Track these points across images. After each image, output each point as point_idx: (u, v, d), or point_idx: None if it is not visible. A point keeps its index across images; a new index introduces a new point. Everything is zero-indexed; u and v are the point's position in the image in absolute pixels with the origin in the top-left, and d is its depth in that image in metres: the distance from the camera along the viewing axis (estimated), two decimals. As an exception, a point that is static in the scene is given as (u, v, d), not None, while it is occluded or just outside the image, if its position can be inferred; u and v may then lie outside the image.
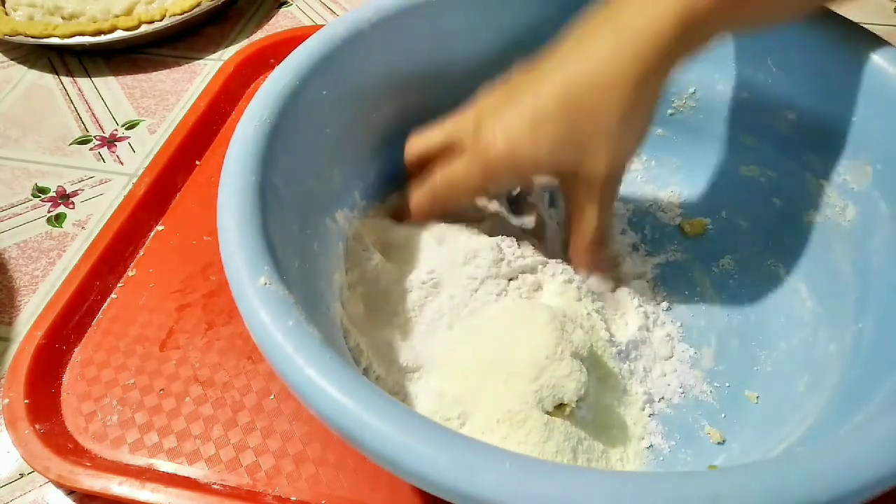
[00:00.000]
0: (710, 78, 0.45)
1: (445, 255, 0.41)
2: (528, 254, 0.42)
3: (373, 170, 0.45)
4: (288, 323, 0.29)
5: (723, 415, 0.40)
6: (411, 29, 0.43)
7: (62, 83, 0.66)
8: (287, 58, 0.40)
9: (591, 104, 0.34)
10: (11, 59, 0.69)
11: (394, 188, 0.46)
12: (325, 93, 0.40)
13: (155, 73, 0.67)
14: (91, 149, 0.60)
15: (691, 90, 0.46)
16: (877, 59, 0.38)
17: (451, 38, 0.45)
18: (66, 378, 0.44)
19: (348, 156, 0.43)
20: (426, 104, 0.45)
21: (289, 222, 0.36)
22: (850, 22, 0.40)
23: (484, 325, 0.39)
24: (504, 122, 0.37)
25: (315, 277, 0.37)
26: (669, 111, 0.48)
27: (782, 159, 0.44)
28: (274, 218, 0.34)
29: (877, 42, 0.38)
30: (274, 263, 0.31)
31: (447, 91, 0.45)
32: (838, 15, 0.40)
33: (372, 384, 0.28)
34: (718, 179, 0.48)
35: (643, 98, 0.35)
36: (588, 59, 0.34)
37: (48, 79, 0.67)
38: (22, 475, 0.41)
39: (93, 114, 0.63)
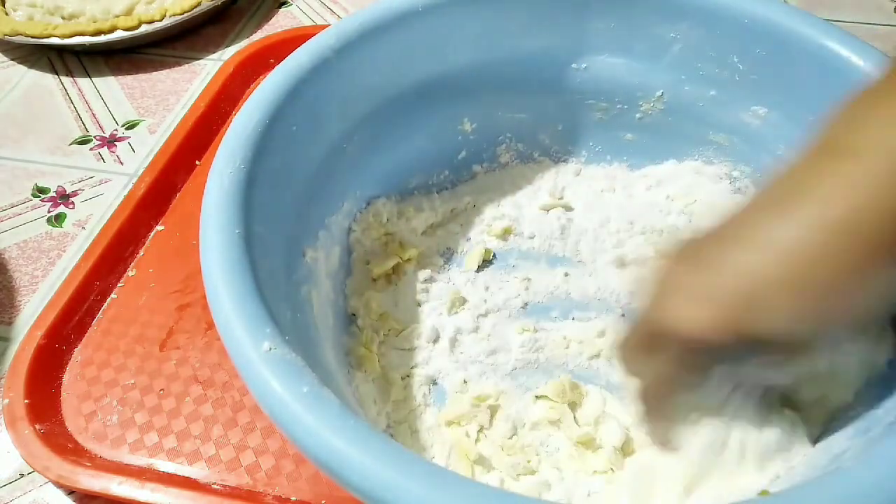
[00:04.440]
0: (677, 79, 0.45)
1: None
2: None
3: (346, 197, 0.44)
4: (302, 389, 0.27)
5: None
6: (375, 52, 0.42)
7: (62, 83, 0.66)
8: (253, 94, 0.38)
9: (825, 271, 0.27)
10: (11, 59, 0.69)
11: (363, 205, 0.46)
12: (295, 128, 0.38)
13: (155, 73, 0.67)
14: (91, 149, 0.60)
15: (659, 93, 0.46)
16: (843, 52, 0.38)
17: (417, 59, 0.44)
18: (66, 378, 0.44)
19: (323, 188, 0.41)
20: (399, 123, 0.45)
21: (276, 271, 0.34)
22: (813, 16, 0.40)
23: None
24: (704, 295, 0.29)
25: (308, 325, 0.36)
26: (638, 115, 0.48)
27: (756, 154, 0.45)
28: (263, 271, 0.31)
29: (842, 35, 0.39)
30: (274, 324, 0.29)
31: (419, 108, 0.45)
32: (802, 10, 0.40)
33: (404, 449, 0.26)
34: (692, 179, 0.49)
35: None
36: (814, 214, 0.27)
37: (48, 79, 0.67)
38: (22, 475, 0.41)
39: (93, 114, 0.63)
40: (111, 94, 0.65)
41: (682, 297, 0.29)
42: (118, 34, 0.65)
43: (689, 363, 0.31)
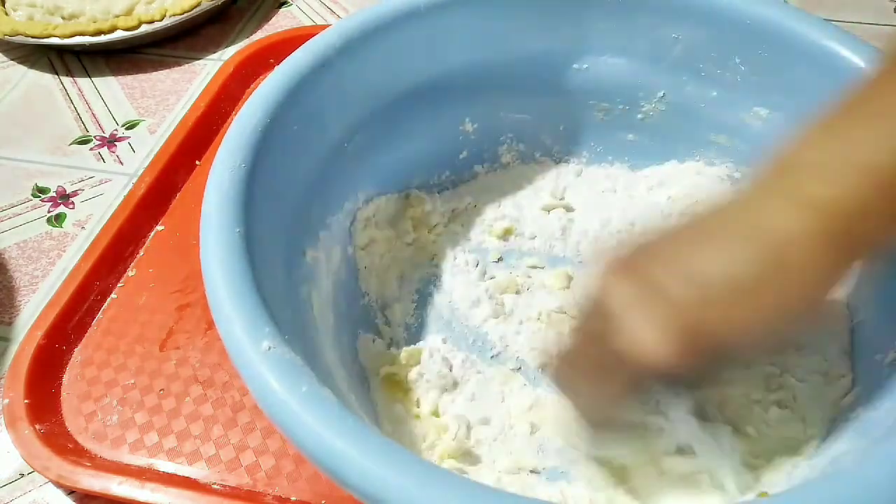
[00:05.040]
0: (679, 80, 0.45)
1: None
2: None
3: (346, 197, 0.43)
4: (301, 389, 0.26)
5: None
6: (376, 52, 0.42)
7: (62, 83, 0.66)
8: (254, 94, 0.37)
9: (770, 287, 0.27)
10: (11, 59, 0.69)
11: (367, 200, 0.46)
12: (296, 128, 0.38)
13: (155, 73, 0.67)
14: (91, 149, 0.60)
15: (660, 94, 0.46)
16: (845, 52, 0.38)
17: (418, 58, 0.44)
18: (66, 378, 0.44)
19: (324, 188, 0.41)
20: (400, 123, 0.45)
21: (276, 270, 0.34)
22: (815, 17, 0.40)
23: None
24: (659, 316, 0.28)
25: (307, 325, 0.36)
26: (639, 116, 0.48)
27: (757, 155, 0.44)
28: (263, 270, 0.31)
29: (844, 36, 0.39)
30: (273, 323, 0.29)
31: (420, 108, 0.45)
32: (803, 11, 0.41)
33: (403, 448, 0.26)
34: (693, 180, 0.49)
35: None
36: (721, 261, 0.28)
37: (48, 79, 0.67)
38: (22, 475, 0.41)
39: (93, 114, 0.63)
40: (111, 94, 0.65)
41: (640, 318, 0.28)
42: (118, 34, 0.65)
43: (639, 384, 0.31)
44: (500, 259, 0.47)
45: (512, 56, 0.45)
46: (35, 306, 0.48)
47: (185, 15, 0.67)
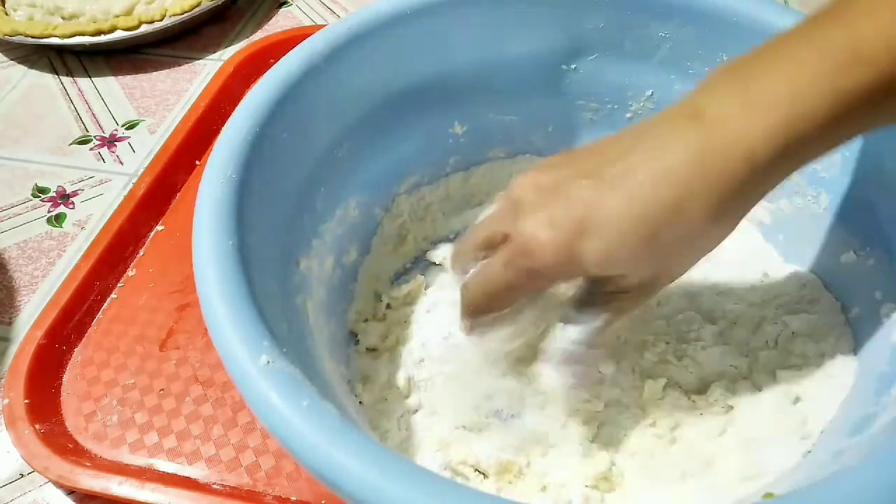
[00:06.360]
0: (667, 79, 0.45)
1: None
2: None
3: (338, 204, 0.43)
4: (302, 403, 0.26)
5: None
6: (365, 57, 0.41)
7: (62, 83, 0.66)
8: (242, 102, 0.37)
9: (662, 223, 0.29)
10: (11, 59, 0.69)
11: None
12: (285, 136, 0.37)
13: (155, 73, 0.67)
14: (91, 149, 0.60)
15: (648, 92, 0.46)
16: None
17: (406, 63, 0.43)
18: (66, 378, 0.44)
19: (315, 196, 0.40)
20: (391, 128, 0.44)
21: (270, 281, 0.33)
22: (804, 15, 0.40)
23: None
24: (551, 216, 0.30)
25: (304, 336, 0.35)
26: (627, 115, 0.47)
27: None
28: (258, 282, 0.31)
29: None
30: (271, 336, 0.28)
31: (410, 113, 0.45)
32: (792, 9, 0.41)
33: (409, 461, 0.25)
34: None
35: (722, 225, 0.30)
36: (663, 166, 0.29)
37: (48, 79, 0.67)
38: (22, 475, 0.41)
39: (93, 114, 0.63)
40: (111, 94, 0.65)
41: (538, 218, 0.30)
42: (118, 34, 0.66)
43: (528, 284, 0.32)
44: None
45: (500, 58, 0.45)
46: (35, 306, 0.48)
47: (185, 15, 0.67)
